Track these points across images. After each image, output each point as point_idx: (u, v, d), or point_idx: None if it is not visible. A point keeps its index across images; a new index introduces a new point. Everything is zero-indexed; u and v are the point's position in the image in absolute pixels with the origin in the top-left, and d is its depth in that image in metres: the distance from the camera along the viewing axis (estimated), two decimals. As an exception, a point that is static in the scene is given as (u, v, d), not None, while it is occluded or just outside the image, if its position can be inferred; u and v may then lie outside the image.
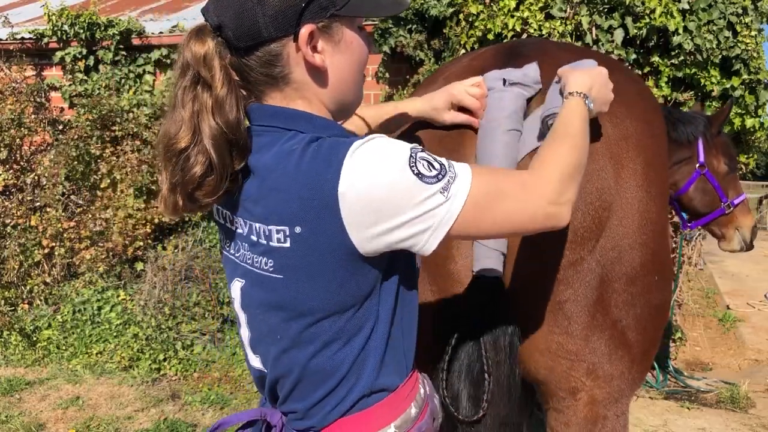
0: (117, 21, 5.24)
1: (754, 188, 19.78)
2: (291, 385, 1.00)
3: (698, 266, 4.50)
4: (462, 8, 4.03)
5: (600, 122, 1.30)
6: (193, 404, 3.74)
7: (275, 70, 0.96)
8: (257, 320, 1.02)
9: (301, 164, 0.89)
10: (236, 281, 1.04)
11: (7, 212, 4.89)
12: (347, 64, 1.00)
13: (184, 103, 0.93)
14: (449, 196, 0.89)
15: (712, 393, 4.04)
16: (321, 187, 0.87)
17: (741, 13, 3.59)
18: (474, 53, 1.61)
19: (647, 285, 1.32)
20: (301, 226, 0.89)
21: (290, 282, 0.94)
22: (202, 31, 0.95)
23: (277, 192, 0.91)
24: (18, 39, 5.42)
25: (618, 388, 1.35)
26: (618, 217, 1.28)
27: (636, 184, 1.30)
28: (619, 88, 1.39)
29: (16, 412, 3.65)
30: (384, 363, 1.00)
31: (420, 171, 0.88)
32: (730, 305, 6.34)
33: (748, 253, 3.05)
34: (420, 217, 0.89)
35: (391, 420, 1.01)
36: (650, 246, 1.31)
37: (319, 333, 0.95)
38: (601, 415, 1.34)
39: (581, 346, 1.31)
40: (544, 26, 3.77)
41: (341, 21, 0.97)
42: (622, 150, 1.30)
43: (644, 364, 1.39)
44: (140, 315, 4.43)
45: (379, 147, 0.89)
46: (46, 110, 5.42)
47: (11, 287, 4.78)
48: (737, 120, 3.66)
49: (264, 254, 0.95)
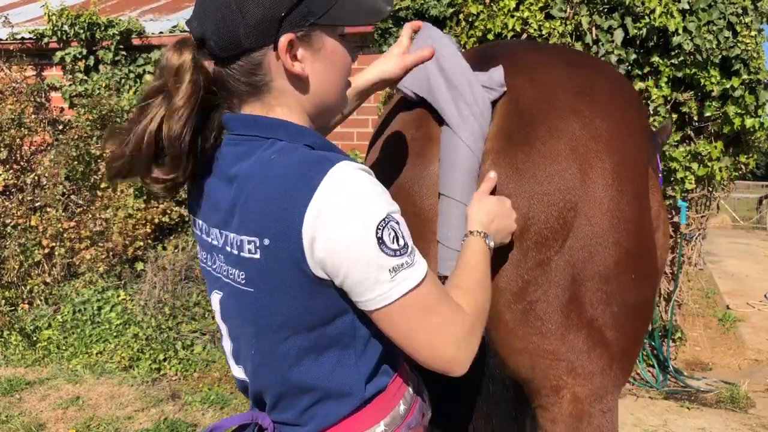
0: (117, 21, 5.24)
1: (754, 188, 19.79)
2: (274, 397, 1.01)
3: (698, 266, 4.50)
4: (462, 8, 4.03)
5: (566, 124, 1.30)
6: (193, 404, 3.74)
7: (256, 78, 0.96)
8: (236, 332, 1.03)
9: (277, 177, 0.90)
10: (215, 293, 1.05)
11: (7, 212, 4.89)
12: (329, 72, 1.01)
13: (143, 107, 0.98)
14: (393, 279, 0.89)
15: (712, 393, 4.04)
16: (291, 203, 0.87)
17: (741, 13, 3.59)
18: None
19: (623, 284, 1.32)
20: (269, 239, 0.89)
21: (259, 295, 0.94)
22: (183, 43, 0.97)
23: (252, 202, 0.91)
24: (18, 39, 5.43)
25: (600, 384, 1.35)
26: (586, 217, 1.28)
27: (605, 183, 1.29)
28: (592, 87, 1.39)
29: (16, 412, 3.65)
30: (371, 370, 1.00)
31: (383, 238, 0.87)
32: (730, 305, 6.34)
33: (748, 253, 3.05)
34: (361, 281, 0.88)
35: (380, 418, 1.02)
36: (624, 245, 1.31)
37: (290, 348, 0.96)
38: (586, 412, 1.36)
39: (558, 345, 1.32)
40: (544, 26, 3.78)
41: (322, 29, 0.97)
42: (591, 150, 1.30)
43: (625, 361, 1.40)
44: (140, 315, 4.43)
45: (357, 189, 0.88)
46: (46, 110, 5.42)
47: (11, 287, 4.78)
48: (737, 120, 3.66)
49: (236, 265, 0.96)
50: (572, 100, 1.33)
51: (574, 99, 1.33)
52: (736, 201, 17.39)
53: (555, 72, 1.40)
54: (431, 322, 0.93)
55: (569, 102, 1.32)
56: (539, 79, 1.37)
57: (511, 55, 1.43)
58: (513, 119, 1.32)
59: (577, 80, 1.39)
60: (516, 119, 1.31)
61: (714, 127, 3.81)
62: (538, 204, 1.27)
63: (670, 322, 4.19)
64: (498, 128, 1.33)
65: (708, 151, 3.78)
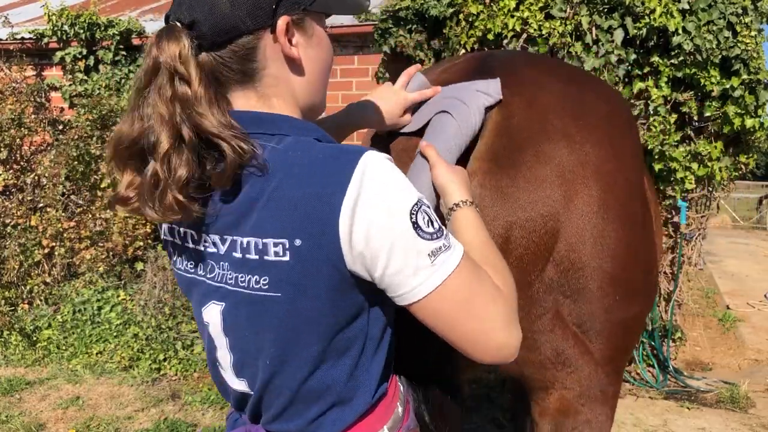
0: (117, 21, 5.24)
1: (754, 188, 19.79)
2: (282, 406, 0.97)
3: (698, 266, 4.50)
4: (462, 8, 4.03)
5: (554, 149, 1.30)
6: (193, 404, 3.74)
7: (251, 65, 0.93)
8: (244, 343, 0.97)
9: (303, 173, 0.86)
10: (212, 305, 0.98)
11: (7, 212, 4.89)
12: (320, 61, 1.00)
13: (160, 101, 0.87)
14: (435, 263, 0.86)
15: (712, 393, 4.04)
16: (324, 198, 0.84)
17: (741, 13, 3.59)
18: (445, 64, 1.61)
19: (606, 305, 1.34)
20: (302, 239, 0.85)
21: (286, 299, 0.89)
22: (174, 29, 0.90)
23: (276, 201, 0.86)
24: (18, 39, 5.43)
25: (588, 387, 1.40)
26: (567, 243, 1.29)
27: (590, 211, 1.30)
28: (586, 110, 1.38)
29: (16, 412, 3.65)
30: (379, 375, 0.99)
31: (418, 222, 0.85)
32: (730, 305, 6.34)
33: (748, 253, 3.06)
34: (402, 270, 0.85)
35: (384, 423, 1.01)
36: (607, 270, 1.32)
37: (312, 352, 0.93)
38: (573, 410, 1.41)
39: (543, 357, 1.36)
40: (544, 26, 3.78)
41: (311, 16, 0.97)
42: (578, 176, 1.29)
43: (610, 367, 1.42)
44: (140, 315, 4.43)
45: (388, 176, 0.86)
46: (46, 110, 5.42)
47: (11, 287, 4.78)
48: (737, 120, 3.66)
49: (254, 271, 0.90)
50: (564, 123, 1.33)
51: (567, 123, 1.33)
52: (736, 201, 17.39)
53: (550, 92, 1.39)
54: (476, 307, 0.88)
55: (561, 126, 1.32)
56: (533, 99, 1.37)
57: (508, 69, 1.43)
58: (502, 140, 1.31)
59: (571, 102, 1.38)
60: (505, 141, 1.31)
61: (714, 127, 3.81)
62: (520, 229, 1.28)
63: (670, 322, 4.19)
64: (486, 147, 1.32)
65: (708, 151, 3.78)
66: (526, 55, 2.29)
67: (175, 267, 1.04)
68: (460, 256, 0.89)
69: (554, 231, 1.28)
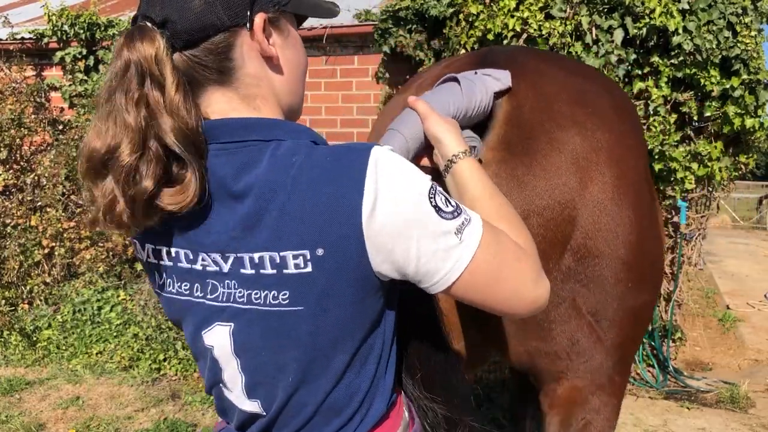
0: (117, 21, 5.24)
1: (754, 188, 19.79)
2: (302, 422, 0.92)
3: (698, 266, 4.50)
4: (462, 8, 4.03)
5: (567, 136, 1.30)
6: (193, 404, 3.74)
7: (229, 63, 0.88)
8: (260, 362, 0.91)
9: (313, 179, 0.82)
10: (218, 326, 0.91)
11: (7, 212, 4.89)
12: (297, 62, 0.97)
13: (128, 107, 0.81)
14: (462, 239, 0.85)
15: (712, 393, 4.04)
16: (343, 202, 0.81)
17: (741, 13, 3.59)
18: (448, 60, 1.62)
19: (619, 293, 1.35)
20: (324, 248, 0.82)
21: (310, 311, 0.85)
22: (145, 29, 0.84)
23: (290, 212, 0.82)
24: (18, 39, 5.43)
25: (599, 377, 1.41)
26: (583, 230, 1.29)
27: (605, 197, 1.30)
28: (592, 100, 1.39)
29: (16, 412, 3.65)
30: (393, 381, 0.98)
31: (438, 204, 0.84)
32: (730, 305, 6.34)
33: (748, 253, 3.06)
34: (434, 254, 0.84)
35: (395, 429, 1.00)
36: (621, 257, 1.32)
37: (335, 364, 0.89)
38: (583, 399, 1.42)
39: (557, 347, 1.36)
40: (544, 26, 3.78)
41: (286, 17, 0.95)
42: (591, 163, 1.30)
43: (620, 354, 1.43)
44: (140, 315, 4.43)
45: (400, 168, 0.84)
46: (46, 110, 5.42)
47: (11, 287, 4.78)
48: (737, 120, 3.66)
49: (272, 287, 0.85)
50: (573, 111, 1.33)
51: (576, 110, 1.33)
52: (736, 201, 17.39)
53: (555, 81, 1.40)
54: (505, 270, 0.88)
55: (571, 113, 1.32)
56: (539, 89, 1.37)
57: (512, 61, 1.43)
58: (514, 129, 1.32)
59: (577, 91, 1.39)
60: (517, 130, 1.31)
61: (714, 127, 3.81)
62: (538, 218, 1.28)
63: (670, 322, 4.19)
64: (498, 137, 1.32)
65: (708, 151, 3.78)
66: (526, 48, 2.30)
67: (162, 291, 0.96)
68: (481, 225, 0.88)
69: (571, 218, 1.28)
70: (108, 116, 0.83)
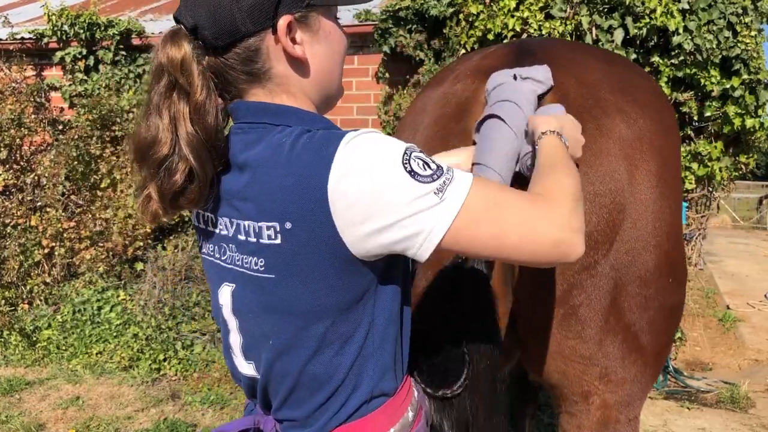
0: (117, 21, 5.24)
1: (754, 188, 19.79)
2: (286, 392, 0.97)
3: (698, 266, 4.50)
4: (462, 8, 4.03)
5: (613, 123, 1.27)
6: (193, 404, 3.74)
7: (255, 66, 0.93)
8: (250, 324, 0.98)
9: (291, 157, 0.87)
10: (225, 286, 1.00)
11: (7, 212, 4.89)
12: (328, 54, 0.99)
13: (161, 109, 0.91)
14: (444, 198, 0.84)
15: (712, 393, 4.04)
16: (311, 180, 0.84)
17: (741, 13, 3.59)
18: (483, 51, 1.58)
19: (661, 288, 1.30)
20: (292, 222, 0.86)
21: (281, 281, 0.90)
22: (177, 35, 0.91)
23: (266, 186, 0.88)
24: (18, 39, 5.43)
25: (630, 391, 1.33)
26: (632, 220, 1.26)
27: (650, 186, 1.27)
28: (632, 87, 1.37)
29: (16, 412, 3.65)
30: (384, 367, 0.97)
31: (413, 169, 0.84)
32: (730, 305, 6.34)
33: (748, 253, 3.06)
34: (411, 218, 0.84)
35: (390, 425, 0.99)
36: (664, 248, 1.29)
37: (312, 336, 0.92)
38: (613, 419, 1.33)
39: (594, 350, 1.29)
40: (544, 26, 3.78)
41: (317, 11, 0.95)
42: (636, 151, 1.27)
43: (657, 368, 1.38)
44: (140, 315, 4.43)
45: (371, 141, 0.86)
46: (46, 110, 5.42)
47: (11, 287, 4.78)
48: (737, 120, 3.66)
49: (254, 253, 0.92)
50: (616, 99, 1.30)
51: (618, 98, 1.31)
52: (736, 201, 17.39)
53: (594, 69, 1.37)
54: (511, 215, 0.86)
55: (614, 101, 1.29)
56: (581, 77, 1.35)
57: (548, 53, 1.40)
58: None
59: (617, 79, 1.36)
60: None
61: (714, 127, 3.81)
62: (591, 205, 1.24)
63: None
64: None
65: (708, 151, 3.78)
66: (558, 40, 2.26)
67: (201, 252, 1.07)
68: (470, 180, 0.87)
69: (621, 206, 1.25)
70: (148, 112, 0.92)
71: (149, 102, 0.93)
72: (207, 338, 4.37)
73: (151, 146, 0.91)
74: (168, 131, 0.90)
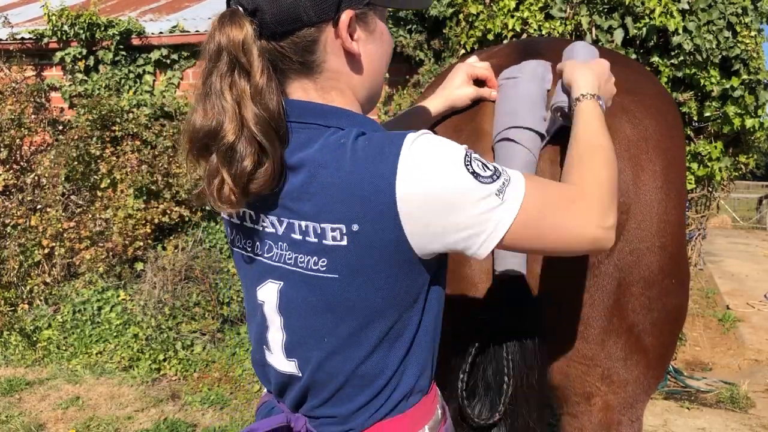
0: (117, 21, 5.24)
1: (754, 188, 19.79)
2: (333, 389, 0.97)
3: (698, 266, 4.50)
4: (462, 8, 4.03)
5: (618, 123, 1.27)
6: (193, 404, 3.74)
7: (311, 57, 0.93)
8: (299, 323, 0.98)
9: (356, 159, 0.87)
10: (270, 283, 0.99)
11: (7, 212, 4.89)
12: (379, 55, 1.00)
13: (223, 91, 0.89)
14: (504, 199, 0.87)
15: (712, 393, 4.04)
16: (377, 182, 0.85)
17: (741, 13, 3.58)
18: (489, 51, 1.58)
19: (665, 289, 1.30)
20: (359, 224, 0.87)
21: (344, 281, 0.91)
22: (237, 15, 0.89)
23: (331, 188, 0.88)
24: (18, 39, 5.43)
25: (633, 393, 1.33)
26: (636, 220, 1.26)
27: (655, 186, 1.27)
28: (637, 87, 1.36)
29: (16, 412, 3.65)
30: (423, 365, 0.99)
31: (475, 170, 0.87)
32: (729, 305, 6.34)
33: (748, 253, 3.06)
34: (476, 218, 0.87)
35: (425, 422, 1.00)
36: (668, 249, 1.29)
37: (368, 336, 0.93)
38: (615, 421, 1.33)
39: (597, 351, 1.29)
40: (544, 26, 3.78)
41: (375, 11, 0.96)
42: (641, 151, 1.27)
43: (660, 369, 1.38)
44: (140, 315, 4.43)
45: (434, 143, 0.88)
46: (46, 110, 5.42)
47: (11, 287, 4.78)
48: (737, 120, 3.66)
49: (314, 253, 0.91)
50: (621, 98, 1.30)
51: (623, 98, 1.30)
52: (736, 201, 17.39)
53: None
54: (556, 216, 0.91)
55: (619, 100, 1.29)
56: None
57: (556, 54, 1.39)
58: None
59: (623, 79, 1.35)
60: None
61: (714, 127, 3.81)
62: None
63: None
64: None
65: (708, 151, 3.78)
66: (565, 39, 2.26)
67: (233, 246, 1.06)
68: (524, 182, 0.90)
69: (626, 207, 1.25)
70: (207, 97, 0.90)
71: (207, 85, 0.90)
72: (207, 338, 4.37)
73: (219, 131, 0.88)
74: (233, 113, 0.88)
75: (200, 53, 0.94)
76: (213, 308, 4.44)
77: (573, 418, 1.36)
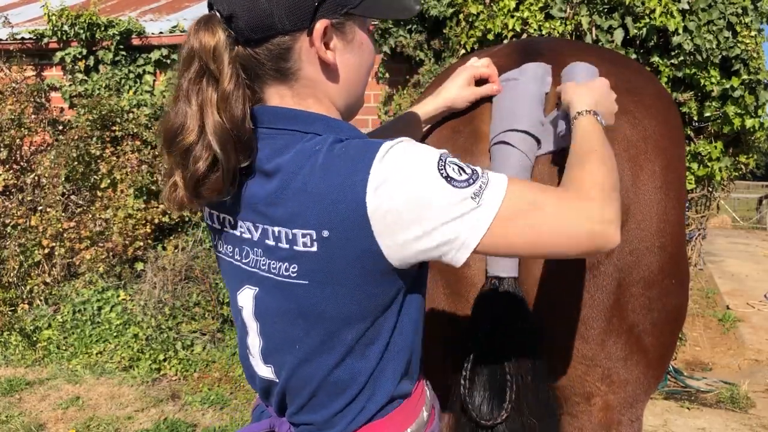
0: (117, 21, 5.24)
1: (753, 188, 19.79)
2: (307, 396, 0.97)
3: (698, 266, 4.50)
4: (462, 8, 4.03)
5: (618, 124, 1.27)
6: (193, 404, 3.74)
7: (286, 64, 0.93)
8: (273, 329, 0.98)
9: (329, 166, 0.86)
10: (247, 289, 0.99)
11: (7, 212, 4.89)
12: (357, 65, 0.99)
13: (189, 96, 0.90)
14: (480, 203, 0.85)
15: (712, 393, 4.04)
16: (349, 189, 0.84)
17: (741, 13, 3.58)
18: (489, 51, 1.58)
19: (665, 289, 1.30)
20: (329, 230, 0.86)
21: (314, 287, 0.90)
22: (212, 21, 0.90)
23: (302, 194, 0.87)
24: (18, 39, 5.43)
25: (633, 393, 1.33)
26: (636, 221, 1.26)
27: (654, 187, 1.27)
28: (637, 87, 1.36)
29: (16, 412, 3.65)
30: (402, 371, 0.98)
31: (449, 174, 0.85)
32: (729, 305, 6.34)
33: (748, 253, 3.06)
34: (449, 224, 0.84)
35: (407, 425, 1.00)
36: (668, 249, 1.29)
37: (339, 342, 0.93)
38: (615, 421, 1.33)
39: (597, 351, 1.29)
40: (544, 26, 3.78)
41: (354, 20, 0.95)
42: (641, 151, 1.28)
43: (660, 369, 1.38)
44: (140, 315, 4.43)
45: (408, 151, 0.86)
46: (46, 110, 5.42)
47: (11, 287, 4.78)
48: (737, 120, 3.66)
49: (286, 259, 0.91)
50: (621, 99, 1.29)
51: (623, 98, 1.30)
52: (736, 201, 17.39)
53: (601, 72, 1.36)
54: (544, 214, 0.87)
55: (620, 101, 1.28)
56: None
57: (556, 55, 1.40)
58: None
59: (622, 80, 1.36)
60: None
61: (714, 127, 3.81)
62: None
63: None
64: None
65: (708, 151, 3.78)
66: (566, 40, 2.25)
67: (216, 251, 1.07)
68: (505, 183, 0.88)
69: (626, 208, 1.24)
70: (177, 98, 0.92)
71: (178, 88, 0.92)
72: (207, 338, 4.37)
73: (179, 133, 0.90)
74: (195, 119, 0.89)
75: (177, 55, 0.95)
76: (213, 308, 4.44)
77: (573, 417, 1.36)
